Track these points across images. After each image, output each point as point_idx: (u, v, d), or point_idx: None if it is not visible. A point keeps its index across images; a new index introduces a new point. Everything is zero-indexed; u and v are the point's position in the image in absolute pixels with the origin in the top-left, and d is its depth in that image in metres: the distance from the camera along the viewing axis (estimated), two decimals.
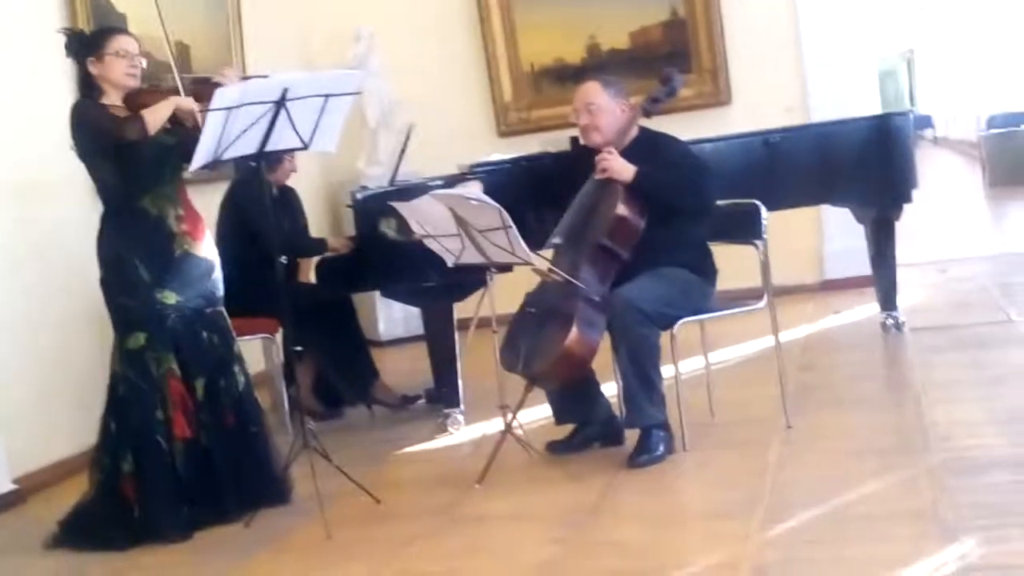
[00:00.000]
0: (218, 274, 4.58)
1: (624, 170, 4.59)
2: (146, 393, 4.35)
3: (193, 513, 4.39)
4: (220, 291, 4.58)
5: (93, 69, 4.38)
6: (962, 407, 4.75)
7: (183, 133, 4.33)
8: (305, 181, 7.79)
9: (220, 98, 4.02)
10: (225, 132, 4.08)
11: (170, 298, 4.38)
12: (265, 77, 4.25)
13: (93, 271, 4.52)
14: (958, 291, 7.40)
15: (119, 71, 4.37)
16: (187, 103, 4.26)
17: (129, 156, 4.29)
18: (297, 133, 4.29)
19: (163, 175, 4.40)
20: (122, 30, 4.56)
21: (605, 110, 4.73)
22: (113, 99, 4.40)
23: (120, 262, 4.37)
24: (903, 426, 4.59)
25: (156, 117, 4.24)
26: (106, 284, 4.44)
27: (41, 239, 5.52)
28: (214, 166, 4.33)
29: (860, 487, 3.92)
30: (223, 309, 4.60)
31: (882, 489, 3.90)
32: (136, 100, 4.38)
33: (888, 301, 6.39)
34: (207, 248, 4.55)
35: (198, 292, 4.47)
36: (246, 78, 4.35)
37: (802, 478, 4.15)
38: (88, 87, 4.44)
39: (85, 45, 4.42)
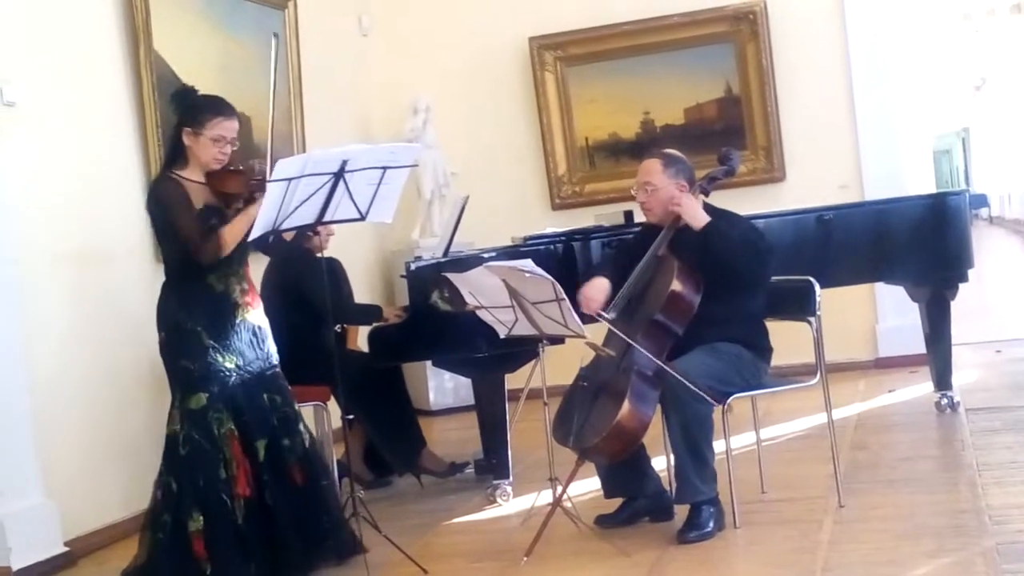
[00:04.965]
0: (271, 339, 4.62)
1: (696, 216, 4.59)
2: (209, 452, 4.37)
3: (258, 570, 4.37)
4: (276, 354, 4.62)
5: (186, 140, 4.42)
6: (1018, 490, 4.68)
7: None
8: (360, 251, 7.90)
9: (281, 169, 4.08)
10: (285, 203, 4.14)
11: (230, 362, 4.42)
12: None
13: (146, 337, 4.57)
14: (1013, 372, 7.32)
15: (210, 154, 4.41)
16: None
17: None
18: (355, 204, 4.35)
19: (234, 257, 4.43)
20: (229, 112, 4.49)
21: (661, 190, 4.74)
22: (196, 174, 4.44)
23: (180, 329, 4.40)
24: (957, 508, 4.53)
25: (233, 235, 4.32)
26: (166, 348, 4.47)
27: (96, 305, 5.58)
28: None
29: (913, 569, 3.87)
30: (280, 371, 4.62)
31: (935, 572, 3.85)
32: (217, 180, 4.43)
33: (943, 380, 6.33)
34: (259, 315, 4.59)
35: (255, 356, 4.51)
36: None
37: (854, 558, 4.10)
38: (175, 150, 4.49)
39: (188, 113, 4.46)
